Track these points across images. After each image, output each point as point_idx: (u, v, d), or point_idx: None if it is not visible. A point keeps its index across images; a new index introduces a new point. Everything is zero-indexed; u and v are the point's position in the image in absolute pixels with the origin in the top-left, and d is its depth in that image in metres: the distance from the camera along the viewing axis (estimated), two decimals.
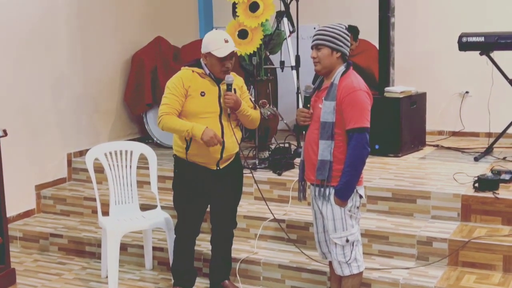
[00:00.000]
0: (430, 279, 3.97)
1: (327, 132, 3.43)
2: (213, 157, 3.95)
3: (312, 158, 3.52)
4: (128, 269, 4.78)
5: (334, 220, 3.50)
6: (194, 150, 3.93)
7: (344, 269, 3.56)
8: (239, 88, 4.05)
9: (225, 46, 3.87)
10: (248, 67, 5.71)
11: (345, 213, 3.50)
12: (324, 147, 3.44)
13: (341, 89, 3.43)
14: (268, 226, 4.71)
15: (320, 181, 3.48)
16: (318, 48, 3.49)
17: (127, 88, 6.54)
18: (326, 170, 3.45)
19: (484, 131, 6.43)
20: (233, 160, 4.08)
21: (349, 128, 3.40)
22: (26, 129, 5.52)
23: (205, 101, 3.91)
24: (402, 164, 5.49)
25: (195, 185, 3.99)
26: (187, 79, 3.92)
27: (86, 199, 5.50)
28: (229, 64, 3.91)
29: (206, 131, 3.83)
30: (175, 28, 7.26)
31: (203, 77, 3.94)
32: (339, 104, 3.42)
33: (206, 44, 3.91)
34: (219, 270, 4.25)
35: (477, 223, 4.42)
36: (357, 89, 3.42)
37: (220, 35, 3.94)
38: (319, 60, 3.50)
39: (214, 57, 3.86)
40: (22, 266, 4.90)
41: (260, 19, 5.33)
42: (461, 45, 5.56)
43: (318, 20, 6.76)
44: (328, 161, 3.44)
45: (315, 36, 3.51)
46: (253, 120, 4.09)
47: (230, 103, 3.88)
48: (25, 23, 5.48)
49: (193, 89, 3.90)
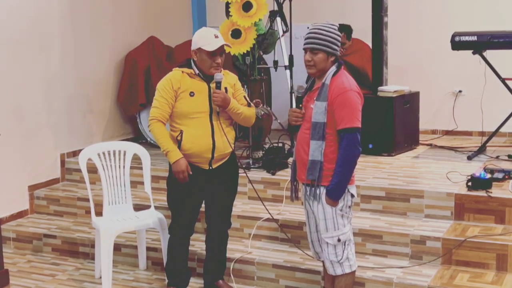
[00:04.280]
0: (424, 278, 3.98)
1: (318, 132, 3.42)
2: (205, 157, 3.94)
3: (303, 158, 3.52)
4: (122, 269, 4.77)
5: (325, 219, 3.51)
6: (185, 150, 3.92)
7: (336, 268, 3.56)
8: (232, 86, 4.03)
9: (215, 41, 3.86)
10: (241, 66, 5.71)
11: (336, 213, 3.50)
12: (315, 147, 3.44)
13: (332, 89, 3.42)
14: (262, 225, 4.71)
15: (311, 181, 3.49)
16: (314, 52, 3.45)
17: (120, 88, 6.52)
18: (317, 170, 3.44)
19: (477, 130, 6.45)
20: (228, 160, 4.07)
21: (340, 128, 3.40)
22: (19, 130, 5.50)
23: (194, 102, 3.90)
24: (395, 163, 5.49)
25: (188, 184, 3.98)
26: (176, 80, 3.91)
27: (80, 199, 5.48)
28: (219, 60, 3.89)
29: (179, 162, 3.85)
30: (169, 28, 7.24)
31: (192, 77, 3.93)
32: (330, 104, 3.41)
33: (196, 41, 3.90)
34: (213, 270, 4.25)
35: (471, 222, 4.43)
36: (348, 89, 3.41)
37: (210, 31, 3.94)
38: (314, 64, 3.46)
39: (204, 52, 3.85)
40: (16, 267, 4.88)
41: (253, 19, 5.33)
42: (454, 44, 5.57)
43: (312, 20, 6.68)
44: (318, 161, 3.44)
45: (310, 38, 3.44)
46: (245, 118, 4.05)
47: (218, 101, 3.86)
48: (18, 22, 5.46)
49: (182, 90, 3.90)
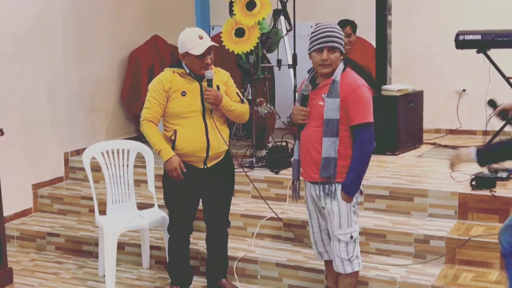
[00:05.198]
0: (428, 277, 3.98)
1: (332, 129, 3.42)
2: (199, 156, 3.93)
3: (314, 156, 3.51)
4: (125, 268, 4.78)
5: (340, 216, 3.50)
6: (179, 149, 3.91)
7: (346, 266, 3.55)
8: (224, 83, 4.02)
9: (201, 43, 3.85)
10: (245, 65, 5.70)
11: (350, 209, 3.51)
12: (329, 144, 3.43)
13: (344, 86, 3.43)
14: (265, 224, 4.71)
15: (325, 179, 3.48)
16: (332, 50, 3.44)
17: (123, 87, 6.53)
18: (332, 167, 3.44)
19: (481, 129, 6.43)
20: (223, 159, 4.05)
21: (356, 124, 3.41)
22: (22, 128, 5.51)
23: (186, 101, 3.89)
24: (399, 162, 5.49)
25: (183, 183, 3.95)
26: (167, 80, 3.91)
27: (83, 198, 5.49)
28: (208, 60, 3.88)
29: (171, 160, 3.85)
30: (172, 26, 7.20)
31: (183, 76, 3.92)
32: (343, 101, 3.42)
33: (182, 44, 3.89)
34: (215, 269, 4.24)
35: (474, 221, 4.42)
36: (360, 85, 3.45)
37: (194, 32, 3.91)
38: (331, 63, 3.45)
39: (192, 55, 3.84)
40: (19, 266, 4.89)
41: (257, 18, 5.32)
42: (458, 43, 5.56)
43: (315, 19, 6.73)
44: (333, 158, 3.44)
45: (328, 37, 3.42)
46: (238, 114, 4.03)
47: (210, 99, 3.86)
48: (22, 21, 5.46)
49: (174, 90, 3.89)
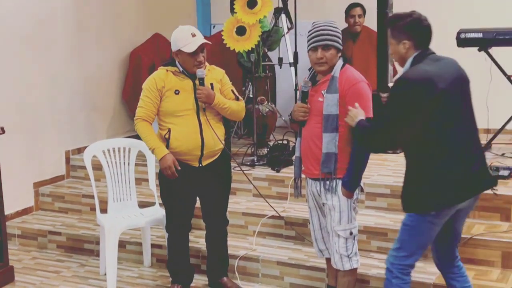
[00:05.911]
0: (429, 275, 3.98)
1: (331, 124, 3.42)
2: (194, 154, 3.93)
3: (315, 152, 3.51)
4: (126, 266, 4.78)
5: (340, 212, 3.50)
6: (173, 148, 3.91)
7: (345, 263, 3.55)
8: (218, 81, 4.02)
9: (193, 41, 3.85)
10: (246, 64, 5.70)
11: (351, 205, 3.51)
12: (329, 139, 3.43)
13: (343, 81, 3.43)
14: (266, 223, 4.71)
15: (326, 174, 3.48)
16: (326, 48, 3.45)
17: (125, 85, 6.53)
18: (332, 162, 3.44)
19: (483, 127, 6.40)
20: (219, 157, 4.04)
21: None
22: (24, 127, 5.51)
23: (180, 99, 3.89)
24: (400, 160, 5.39)
25: (178, 181, 3.94)
26: (160, 79, 3.91)
27: (84, 196, 5.49)
28: (201, 58, 3.88)
29: (165, 158, 3.85)
30: (173, 24, 7.10)
31: (176, 75, 3.92)
32: (343, 96, 3.42)
33: (175, 42, 3.89)
34: (216, 267, 4.25)
35: (476, 219, 4.42)
36: (359, 81, 3.45)
37: (187, 30, 3.91)
38: (326, 61, 3.46)
39: (185, 53, 3.84)
40: (21, 264, 4.89)
41: (258, 16, 5.31)
42: (459, 41, 5.55)
43: (316, 17, 6.69)
44: (333, 153, 3.44)
45: (321, 36, 3.44)
46: (233, 112, 4.02)
47: (202, 98, 3.86)
48: (23, 20, 5.46)
49: (167, 89, 3.89)
